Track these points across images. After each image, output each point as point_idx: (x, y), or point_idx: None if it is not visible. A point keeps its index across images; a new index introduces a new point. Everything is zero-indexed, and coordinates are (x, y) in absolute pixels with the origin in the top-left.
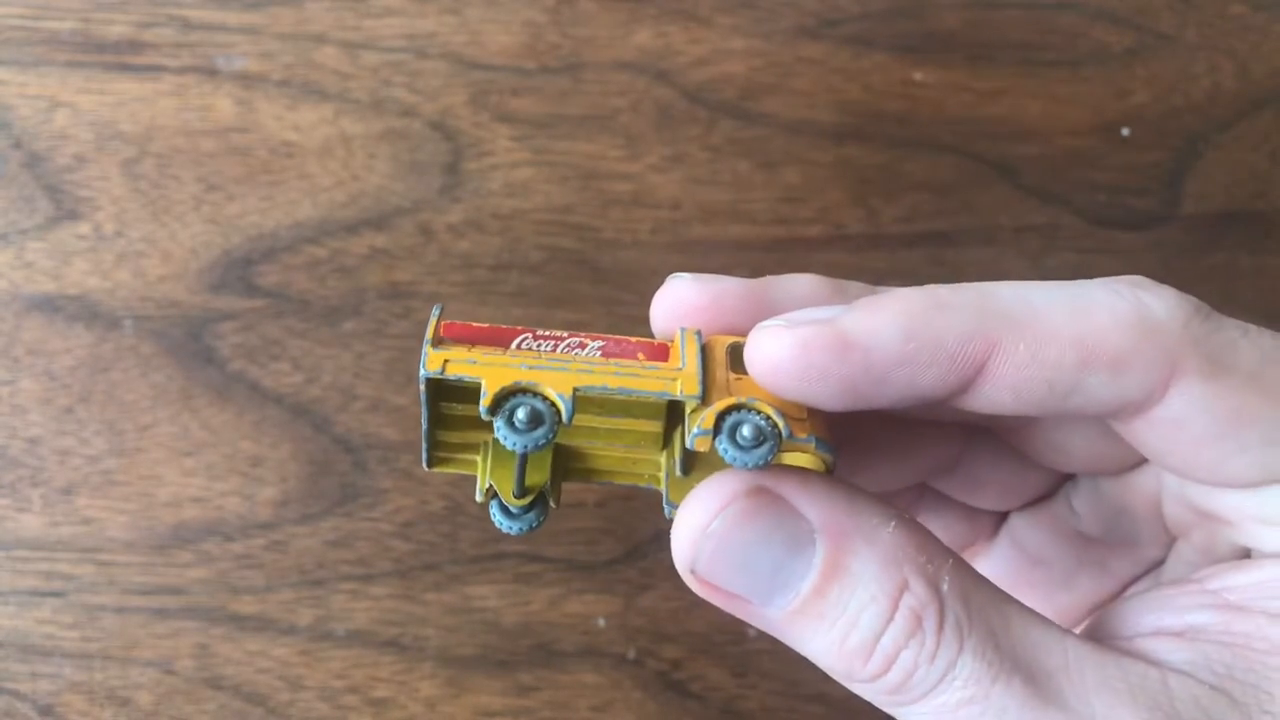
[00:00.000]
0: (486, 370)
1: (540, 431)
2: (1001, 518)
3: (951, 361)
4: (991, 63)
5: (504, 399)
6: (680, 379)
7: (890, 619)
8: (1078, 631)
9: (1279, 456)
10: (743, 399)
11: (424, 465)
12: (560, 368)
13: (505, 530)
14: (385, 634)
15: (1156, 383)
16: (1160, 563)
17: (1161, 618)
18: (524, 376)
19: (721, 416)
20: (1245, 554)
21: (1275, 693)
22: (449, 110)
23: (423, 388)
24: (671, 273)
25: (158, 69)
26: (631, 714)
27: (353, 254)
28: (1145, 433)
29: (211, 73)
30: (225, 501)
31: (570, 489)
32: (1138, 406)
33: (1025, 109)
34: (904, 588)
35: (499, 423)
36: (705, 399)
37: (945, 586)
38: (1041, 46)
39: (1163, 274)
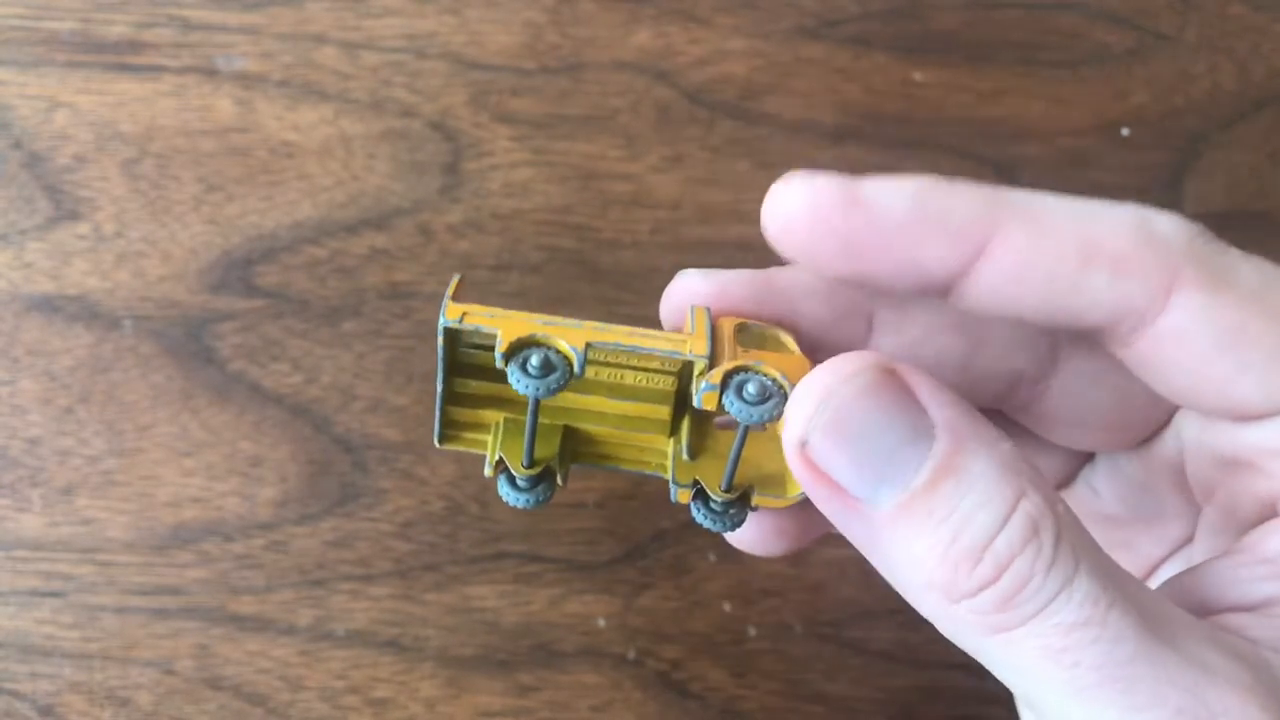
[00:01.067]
0: (503, 322)
1: (553, 378)
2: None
3: (954, 236)
4: (991, 63)
5: (519, 348)
6: (689, 340)
7: (1006, 520)
8: None
9: None
10: (749, 361)
11: (435, 441)
12: (575, 325)
13: (512, 504)
14: (385, 634)
15: (1158, 289)
16: (1188, 540)
17: (1226, 593)
18: (539, 330)
19: (729, 375)
20: (1270, 510)
21: None
22: (449, 110)
23: (440, 340)
24: (672, 272)
25: (158, 69)
26: (631, 714)
27: (353, 254)
28: (1147, 351)
29: (211, 73)
30: (225, 502)
31: (571, 489)
32: (1140, 315)
33: (1025, 109)
34: (1022, 494)
35: (513, 368)
36: (713, 361)
37: (1061, 508)
38: (1041, 47)
39: None
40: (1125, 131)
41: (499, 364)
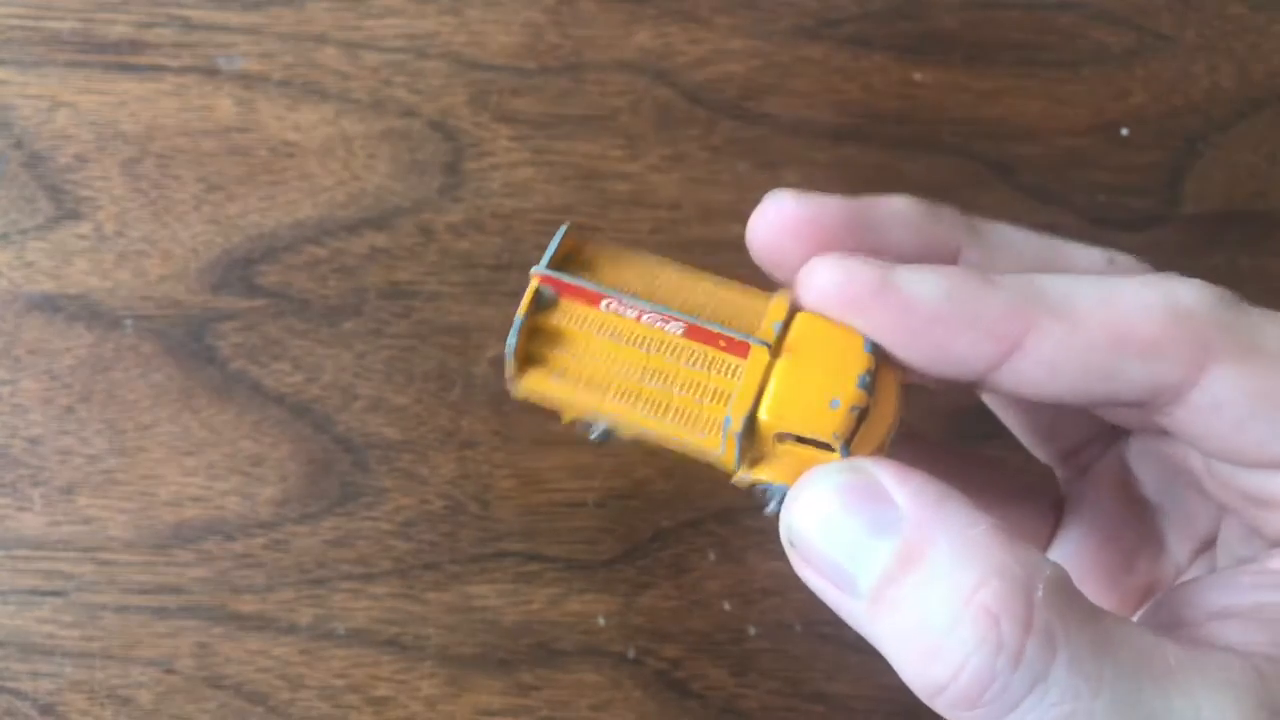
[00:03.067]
0: (563, 405)
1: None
2: (1060, 504)
3: (988, 331)
4: (991, 63)
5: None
6: (721, 460)
7: (959, 616)
8: (1135, 620)
9: None
10: (777, 480)
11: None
12: (620, 418)
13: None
14: (386, 633)
15: (1190, 367)
16: (1211, 543)
17: (1226, 596)
18: (600, 412)
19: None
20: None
21: None
22: (449, 110)
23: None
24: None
25: (159, 69)
26: (631, 713)
27: (353, 254)
28: (1185, 420)
29: (212, 73)
30: (226, 501)
31: (571, 488)
32: (1174, 391)
33: (1024, 109)
34: (982, 583)
35: (580, 428)
36: (744, 464)
37: (1039, 593)
38: (1041, 47)
39: None
40: (1124, 131)
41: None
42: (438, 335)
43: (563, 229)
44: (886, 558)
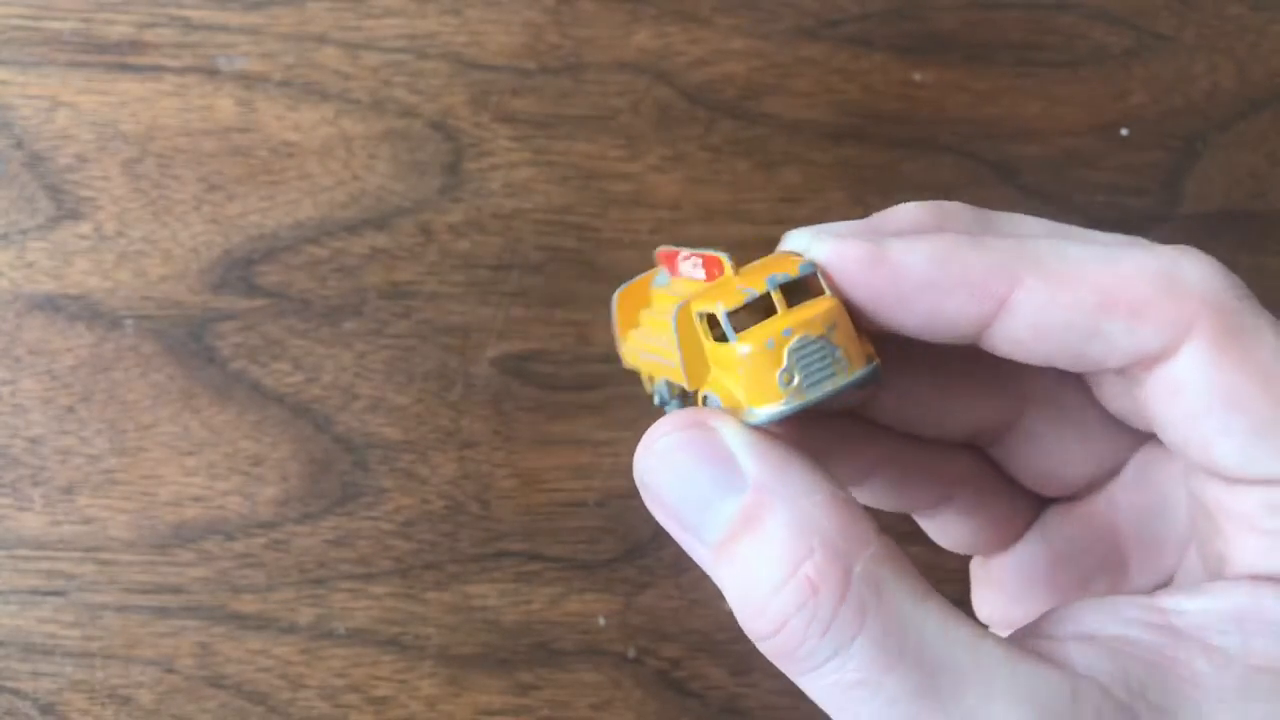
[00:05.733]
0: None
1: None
2: (1038, 513)
3: (973, 291)
4: (991, 63)
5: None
6: (677, 370)
7: (785, 581)
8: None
9: (1263, 452)
10: (706, 389)
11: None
12: (668, 355)
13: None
14: (386, 633)
15: (1170, 340)
16: (1171, 577)
17: (1100, 623)
18: (650, 369)
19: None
20: (1217, 569)
21: None
22: (449, 110)
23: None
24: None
25: (159, 69)
26: (631, 712)
27: (353, 254)
28: (1149, 393)
29: (212, 73)
30: (226, 501)
31: (571, 488)
32: (1153, 359)
33: (1024, 109)
34: (807, 556)
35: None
36: (694, 385)
37: (859, 568)
38: (1040, 47)
39: None
40: (1124, 131)
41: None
42: (438, 335)
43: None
44: (731, 514)
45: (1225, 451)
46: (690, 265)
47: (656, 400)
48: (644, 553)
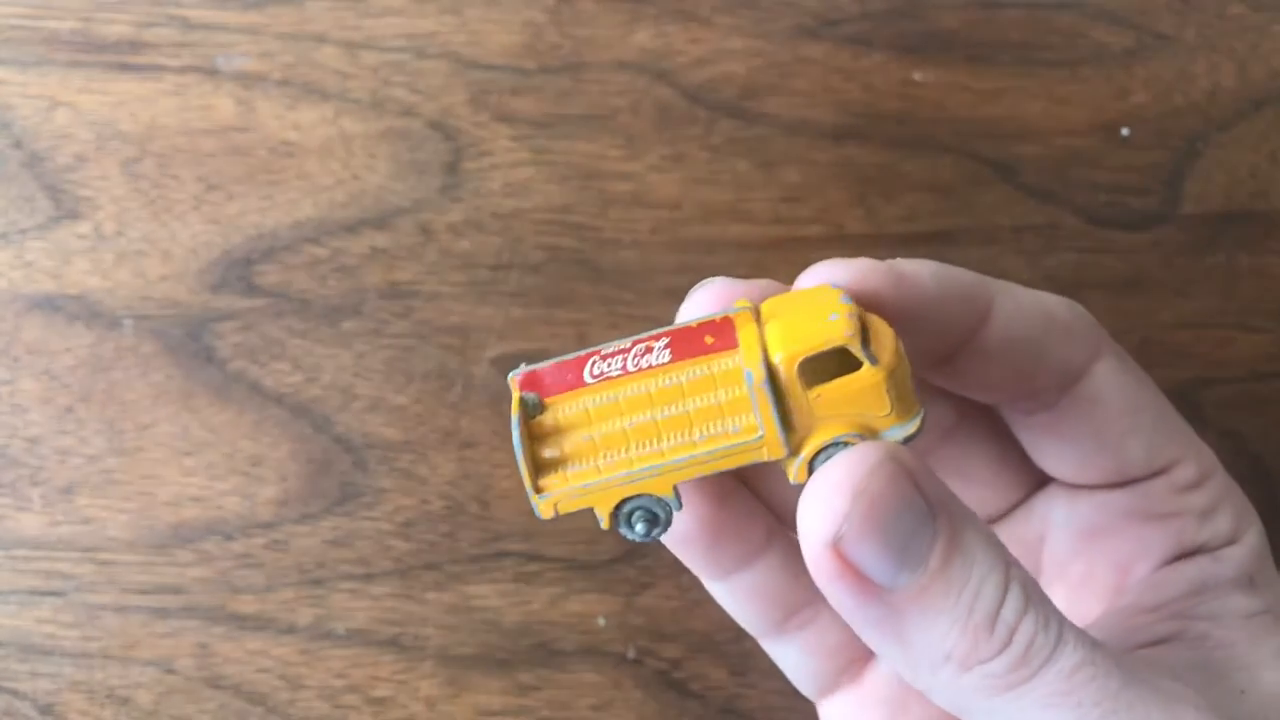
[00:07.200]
0: (595, 497)
1: (659, 529)
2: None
3: (966, 297)
4: (991, 63)
5: (618, 511)
6: (765, 444)
7: (1008, 589)
8: None
9: (1164, 438)
10: (832, 435)
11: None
12: (652, 469)
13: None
14: (385, 633)
15: (1088, 355)
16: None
17: (1126, 641)
18: (628, 491)
19: (816, 455)
20: (1124, 578)
21: (1249, 662)
22: (449, 110)
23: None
24: (673, 271)
25: (158, 69)
26: (631, 713)
27: (353, 253)
28: (1064, 413)
29: (212, 72)
30: (225, 501)
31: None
32: (1076, 374)
33: (1025, 109)
34: (1010, 563)
35: (623, 530)
36: (794, 449)
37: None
38: (1041, 46)
39: (1163, 273)
40: (1125, 131)
41: (604, 527)
42: (438, 335)
43: (513, 381)
44: (936, 546)
45: (1134, 448)
46: (631, 358)
47: (639, 531)
48: (644, 553)
